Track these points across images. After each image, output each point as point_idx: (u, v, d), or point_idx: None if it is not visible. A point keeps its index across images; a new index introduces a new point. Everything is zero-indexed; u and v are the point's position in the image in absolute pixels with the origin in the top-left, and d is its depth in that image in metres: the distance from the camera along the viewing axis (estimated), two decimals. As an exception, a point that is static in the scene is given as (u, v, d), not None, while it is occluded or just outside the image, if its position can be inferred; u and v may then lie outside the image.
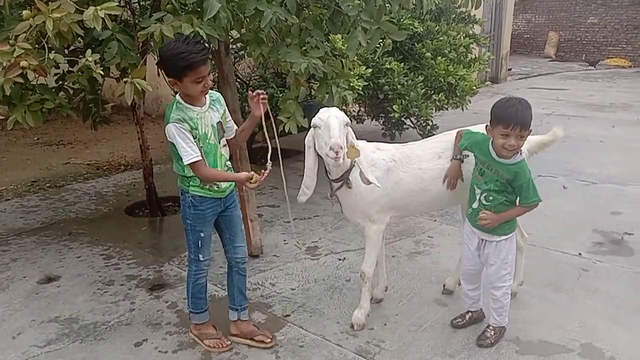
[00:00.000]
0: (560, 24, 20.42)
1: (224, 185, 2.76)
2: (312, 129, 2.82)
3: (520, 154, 2.73)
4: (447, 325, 3.16)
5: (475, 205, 2.86)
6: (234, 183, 2.84)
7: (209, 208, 2.77)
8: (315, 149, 2.85)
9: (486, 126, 2.77)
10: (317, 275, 3.80)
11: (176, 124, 2.54)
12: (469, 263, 3.01)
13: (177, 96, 2.61)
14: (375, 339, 3.04)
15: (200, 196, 2.72)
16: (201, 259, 2.87)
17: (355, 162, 2.84)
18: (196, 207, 2.74)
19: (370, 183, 2.81)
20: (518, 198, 2.80)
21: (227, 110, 2.81)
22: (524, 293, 3.46)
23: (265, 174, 2.62)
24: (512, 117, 2.58)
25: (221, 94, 2.89)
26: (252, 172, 2.68)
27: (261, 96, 2.73)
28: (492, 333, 2.97)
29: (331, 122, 2.71)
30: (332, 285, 3.65)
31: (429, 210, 3.62)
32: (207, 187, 2.70)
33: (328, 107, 2.89)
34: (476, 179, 2.84)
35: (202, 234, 2.80)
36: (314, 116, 2.81)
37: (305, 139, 2.88)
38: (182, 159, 2.56)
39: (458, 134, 3.01)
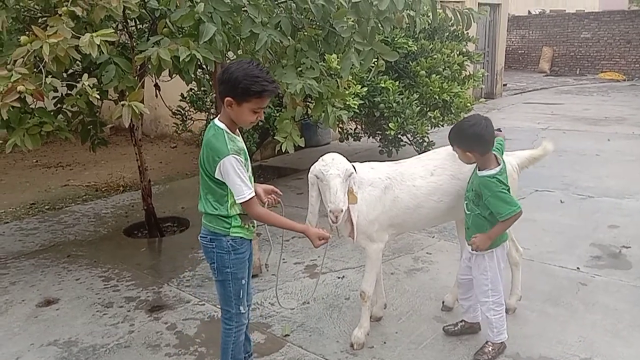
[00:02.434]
0: (554, 39, 20.65)
1: (255, 222, 2.54)
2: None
3: (495, 168, 2.79)
4: (447, 342, 3.15)
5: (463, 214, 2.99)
6: (254, 225, 2.58)
7: (247, 251, 2.53)
8: (317, 186, 2.82)
9: None
10: (317, 293, 3.79)
11: (236, 157, 2.31)
12: (461, 272, 3.13)
13: (220, 124, 2.38)
14: (376, 357, 3.03)
15: (241, 238, 2.46)
16: (242, 311, 2.57)
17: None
18: (237, 251, 2.46)
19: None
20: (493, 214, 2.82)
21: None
22: (523, 308, 3.46)
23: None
24: (449, 137, 2.86)
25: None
26: (323, 230, 2.54)
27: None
28: (490, 349, 2.98)
29: (331, 182, 2.66)
30: (332, 303, 3.65)
31: (425, 227, 3.64)
32: (247, 226, 2.48)
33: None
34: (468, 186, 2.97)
35: (243, 282, 2.52)
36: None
37: (309, 175, 2.85)
38: (230, 196, 2.36)
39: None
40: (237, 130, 2.45)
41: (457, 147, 2.83)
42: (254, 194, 2.36)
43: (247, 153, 2.46)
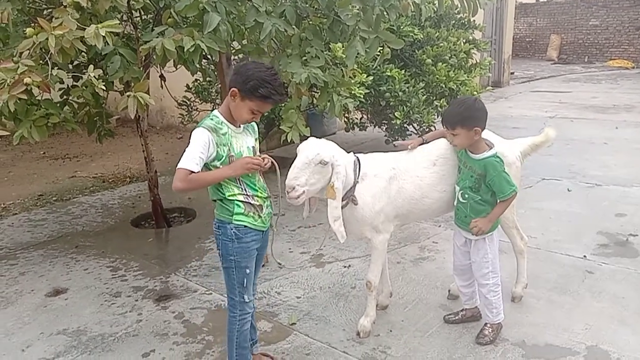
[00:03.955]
0: (562, 27, 20.46)
1: (265, 212, 2.55)
2: None
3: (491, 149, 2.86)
4: (453, 330, 3.17)
5: (455, 202, 3.00)
6: (269, 217, 2.61)
7: (253, 240, 2.53)
8: None
9: None
10: (323, 282, 3.81)
11: (205, 129, 2.35)
12: (457, 259, 3.14)
13: (218, 113, 2.45)
14: (382, 345, 3.05)
15: (245, 226, 2.48)
16: (246, 300, 2.59)
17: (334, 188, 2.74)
18: (240, 240, 2.48)
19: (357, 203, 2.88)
20: (496, 195, 2.87)
21: (258, 137, 2.66)
22: (530, 296, 3.46)
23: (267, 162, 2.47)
24: (443, 117, 2.88)
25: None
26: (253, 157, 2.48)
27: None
28: (489, 331, 3.03)
29: (297, 159, 2.68)
30: (338, 292, 3.67)
31: (430, 217, 3.64)
32: (251, 214, 2.49)
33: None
34: (457, 177, 2.98)
35: (247, 271, 2.54)
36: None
37: None
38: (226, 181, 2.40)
39: (442, 133, 3.10)
40: (236, 125, 2.46)
41: (462, 128, 2.75)
42: (193, 168, 2.30)
43: (232, 139, 2.43)
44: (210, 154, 2.37)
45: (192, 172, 2.31)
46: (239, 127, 2.48)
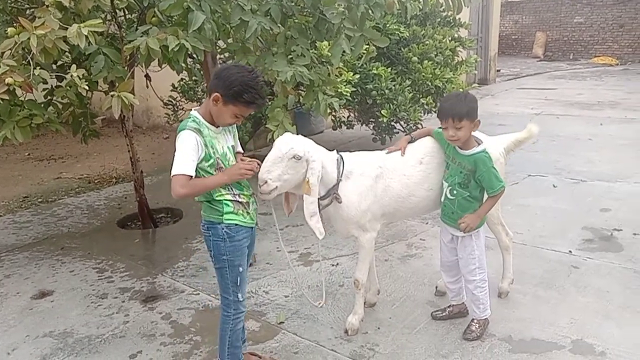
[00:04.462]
0: (547, 24, 20.61)
1: (252, 208, 2.56)
2: None
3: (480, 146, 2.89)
4: (440, 326, 3.18)
5: (442, 199, 3.01)
6: (256, 213, 2.62)
7: (244, 238, 2.53)
8: None
9: None
10: (311, 281, 3.81)
11: (191, 131, 2.33)
12: (444, 256, 3.17)
13: (197, 114, 2.42)
14: (370, 342, 3.06)
15: (236, 225, 2.48)
16: (240, 298, 2.59)
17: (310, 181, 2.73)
18: (232, 239, 2.48)
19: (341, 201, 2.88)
20: (485, 191, 2.91)
21: (237, 134, 2.65)
22: (516, 292, 3.49)
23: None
24: (445, 111, 2.79)
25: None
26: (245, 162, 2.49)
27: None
28: (476, 326, 3.06)
29: (270, 153, 2.67)
30: (326, 291, 3.66)
31: (416, 215, 3.64)
32: (241, 212, 2.50)
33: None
34: (445, 173, 2.99)
35: (240, 269, 2.54)
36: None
37: None
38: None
39: (429, 131, 3.15)
40: (216, 126, 2.45)
41: (467, 119, 2.75)
42: (191, 173, 2.29)
43: (215, 140, 2.43)
44: (200, 155, 2.37)
45: (191, 176, 2.31)
46: (218, 127, 2.47)
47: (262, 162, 2.59)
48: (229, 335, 2.61)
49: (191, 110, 2.50)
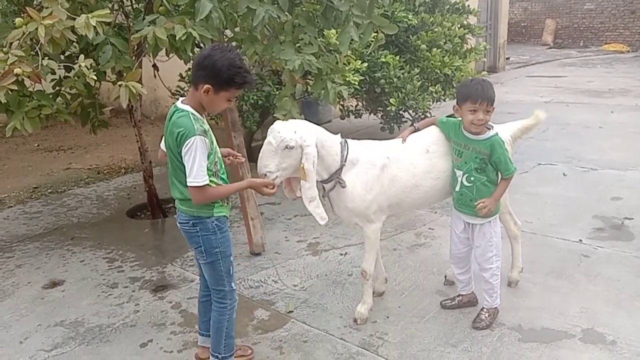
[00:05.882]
0: (557, 11, 20.38)
1: (230, 200, 2.63)
2: None
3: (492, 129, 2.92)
4: (449, 315, 3.18)
5: (457, 188, 2.98)
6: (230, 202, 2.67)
7: (228, 228, 2.57)
8: None
9: (454, 107, 2.94)
10: (319, 270, 3.82)
11: (203, 137, 2.30)
12: (456, 247, 3.14)
13: (185, 106, 2.36)
14: (379, 331, 3.06)
15: (224, 216, 2.51)
16: (234, 287, 2.62)
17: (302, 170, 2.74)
18: (222, 230, 2.50)
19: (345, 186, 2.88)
20: (499, 173, 2.92)
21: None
22: (526, 281, 3.48)
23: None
24: (478, 94, 2.79)
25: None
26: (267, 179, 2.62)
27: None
28: (486, 315, 3.05)
29: (264, 146, 2.69)
30: (335, 280, 3.67)
31: (422, 206, 3.61)
32: (227, 204, 2.53)
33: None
34: (456, 161, 2.96)
35: (231, 258, 2.57)
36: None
37: None
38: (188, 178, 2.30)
39: (433, 121, 3.15)
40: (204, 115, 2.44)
41: (491, 106, 2.83)
42: (207, 180, 2.32)
43: (212, 135, 2.44)
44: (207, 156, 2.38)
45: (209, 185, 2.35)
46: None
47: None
48: (225, 326, 2.62)
49: (175, 102, 2.42)
